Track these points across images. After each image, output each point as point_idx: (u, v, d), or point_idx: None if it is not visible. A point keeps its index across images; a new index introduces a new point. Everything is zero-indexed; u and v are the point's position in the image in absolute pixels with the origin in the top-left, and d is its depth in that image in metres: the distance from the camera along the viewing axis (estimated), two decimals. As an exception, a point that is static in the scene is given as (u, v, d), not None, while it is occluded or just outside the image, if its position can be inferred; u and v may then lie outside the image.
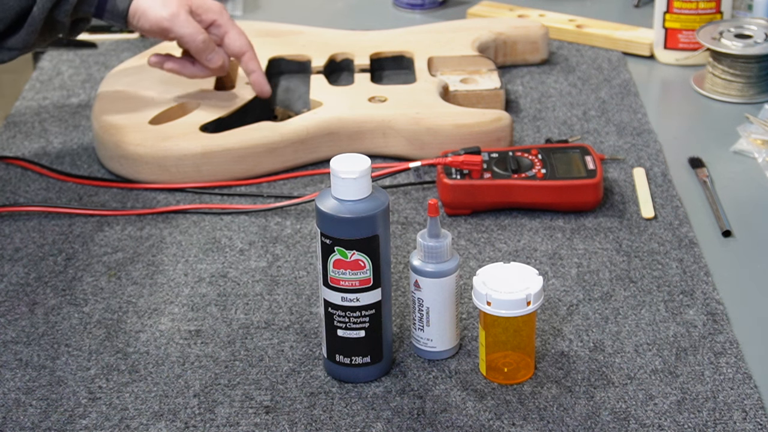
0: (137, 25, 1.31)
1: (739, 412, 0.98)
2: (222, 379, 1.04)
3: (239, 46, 1.36)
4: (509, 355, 1.03)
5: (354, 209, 0.97)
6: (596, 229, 1.23)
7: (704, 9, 1.56)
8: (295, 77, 1.50)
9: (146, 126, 1.35)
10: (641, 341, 1.07)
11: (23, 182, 1.34)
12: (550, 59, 1.60)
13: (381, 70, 1.52)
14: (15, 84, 1.57)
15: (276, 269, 1.18)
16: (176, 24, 1.31)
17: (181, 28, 1.31)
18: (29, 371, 1.05)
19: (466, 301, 1.11)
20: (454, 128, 1.34)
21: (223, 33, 1.36)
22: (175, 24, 1.31)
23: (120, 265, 1.19)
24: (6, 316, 1.13)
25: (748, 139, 1.38)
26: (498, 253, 1.20)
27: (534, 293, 1.00)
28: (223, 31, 1.36)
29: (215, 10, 1.35)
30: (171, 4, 1.31)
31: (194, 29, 1.32)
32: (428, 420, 0.99)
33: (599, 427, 0.97)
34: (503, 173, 1.25)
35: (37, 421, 1.00)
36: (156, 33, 1.32)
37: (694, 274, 1.15)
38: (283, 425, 0.99)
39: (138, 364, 1.06)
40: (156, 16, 1.30)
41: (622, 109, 1.47)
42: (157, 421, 0.99)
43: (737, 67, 1.48)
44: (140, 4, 1.30)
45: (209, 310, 1.13)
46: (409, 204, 1.29)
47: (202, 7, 1.34)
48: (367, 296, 1.00)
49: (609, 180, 1.31)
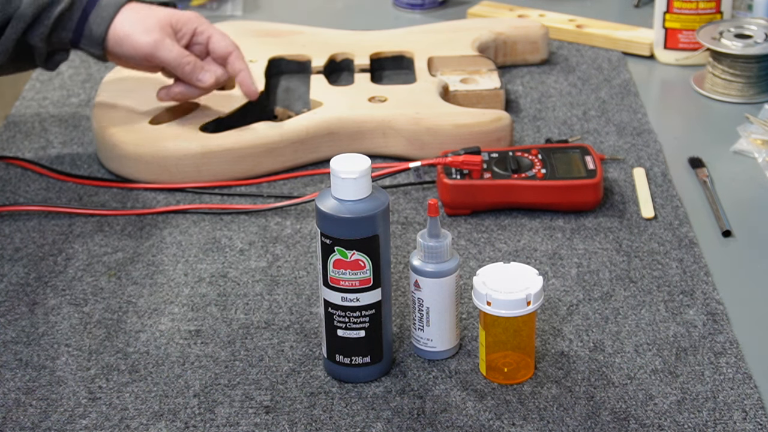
0: (117, 52, 1.28)
1: (739, 412, 0.98)
2: (222, 379, 1.04)
3: (224, 47, 1.33)
4: (509, 355, 1.03)
5: (354, 209, 0.97)
6: (596, 229, 1.23)
7: (704, 9, 1.56)
8: (295, 77, 1.50)
9: (146, 126, 1.35)
10: (641, 341, 1.07)
11: (23, 182, 1.34)
12: (550, 59, 1.60)
13: (381, 70, 1.52)
14: (15, 84, 1.57)
15: (276, 269, 1.18)
16: (161, 50, 1.28)
17: (166, 54, 1.28)
18: (29, 371, 1.05)
19: (466, 301, 1.11)
20: (454, 128, 1.34)
21: (206, 39, 1.33)
22: (160, 50, 1.28)
23: (120, 265, 1.19)
24: (6, 316, 1.13)
25: (748, 139, 1.38)
26: (498, 253, 1.20)
27: (534, 293, 1.00)
28: (206, 36, 1.33)
29: (193, 18, 1.32)
30: (153, 30, 1.27)
31: (178, 53, 1.29)
32: (428, 420, 0.99)
33: (599, 427, 0.97)
34: (503, 173, 1.25)
35: (37, 421, 1.00)
36: (137, 60, 1.29)
37: (694, 274, 1.15)
38: (283, 425, 0.99)
39: (138, 364, 1.06)
40: (139, 43, 1.27)
41: (622, 109, 1.47)
42: (157, 421, 0.99)
43: (737, 67, 1.48)
44: (119, 29, 1.27)
45: (209, 310, 1.13)
46: (409, 204, 1.29)
47: (180, 20, 1.31)
48: (367, 296, 1.00)
49: (609, 180, 1.31)
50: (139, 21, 1.28)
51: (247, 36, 1.55)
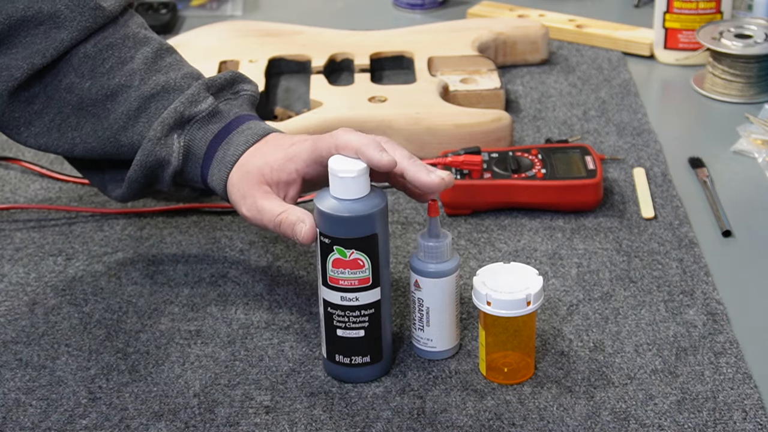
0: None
1: (739, 412, 0.98)
2: (222, 379, 1.04)
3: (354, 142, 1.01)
4: (509, 355, 1.03)
5: (352, 208, 0.97)
6: (596, 229, 1.23)
7: (704, 9, 1.56)
8: (295, 77, 1.50)
9: (146, 126, 1.35)
10: (641, 341, 1.07)
11: (23, 182, 1.34)
12: (550, 59, 1.60)
13: (381, 70, 1.52)
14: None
15: (276, 269, 1.18)
16: (253, 220, 1.06)
17: (258, 222, 1.06)
18: (29, 371, 1.05)
19: (466, 301, 1.11)
20: (454, 128, 1.34)
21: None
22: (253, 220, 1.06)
23: (120, 265, 1.19)
24: (6, 316, 1.13)
25: (748, 139, 1.38)
26: (498, 253, 1.20)
27: (534, 293, 1.00)
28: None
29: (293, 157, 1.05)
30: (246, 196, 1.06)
31: (267, 220, 1.04)
32: (428, 420, 0.99)
33: (599, 427, 0.97)
34: (503, 173, 1.25)
35: (37, 421, 1.00)
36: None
37: (694, 274, 1.15)
38: (283, 425, 0.99)
39: (138, 364, 1.06)
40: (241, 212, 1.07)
41: (622, 109, 1.47)
42: (157, 421, 0.99)
43: (737, 67, 1.48)
44: (231, 195, 1.08)
45: (209, 310, 1.13)
46: (409, 204, 1.29)
47: (274, 169, 1.06)
48: (366, 295, 0.99)
49: (609, 180, 1.31)
50: (239, 183, 1.07)
51: (247, 36, 1.55)
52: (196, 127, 1.10)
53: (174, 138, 1.09)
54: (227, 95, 1.13)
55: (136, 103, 1.10)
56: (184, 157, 1.10)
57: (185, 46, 1.54)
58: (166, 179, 1.11)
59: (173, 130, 1.09)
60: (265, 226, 1.05)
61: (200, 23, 1.66)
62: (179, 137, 1.09)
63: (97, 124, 1.11)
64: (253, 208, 1.05)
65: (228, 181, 1.07)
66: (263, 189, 1.05)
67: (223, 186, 1.08)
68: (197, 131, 1.10)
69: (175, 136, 1.09)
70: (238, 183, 1.07)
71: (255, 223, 1.06)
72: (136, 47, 1.13)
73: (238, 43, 1.54)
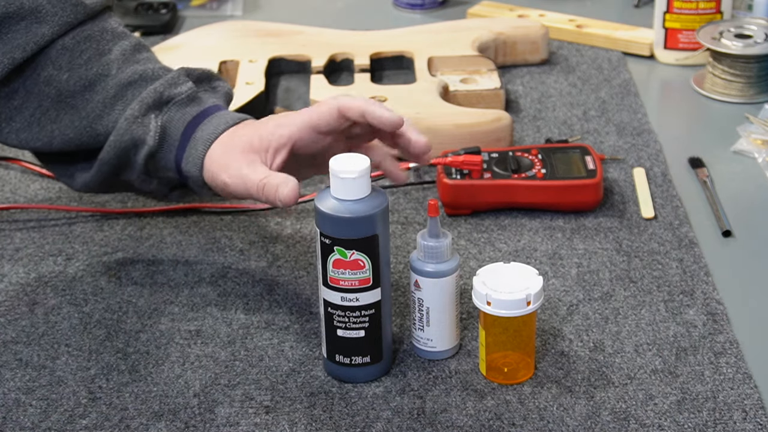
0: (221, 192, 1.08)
1: (739, 412, 0.98)
2: (222, 379, 1.04)
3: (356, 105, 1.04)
4: (509, 355, 1.03)
5: (353, 209, 0.97)
6: (596, 229, 1.23)
7: (704, 9, 1.56)
8: (295, 77, 1.50)
9: (146, 126, 1.35)
10: (641, 341, 1.07)
11: (23, 182, 1.34)
12: (550, 59, 1.60)
13: (381, 70, 1.52)
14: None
15: (276, 269, 1.18)
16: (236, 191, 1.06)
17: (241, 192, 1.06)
18: (29, 371, 1.05)
19: (466, 301, 1.11)
20: (454, 128, 1.34)
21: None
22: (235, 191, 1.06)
23: (120, 265, 1.19)
24: (6, 316, 1.13)
25: (748, 139, 1.38)
26: (498, 253, 1.20)
27: (534, 293, 1.00)
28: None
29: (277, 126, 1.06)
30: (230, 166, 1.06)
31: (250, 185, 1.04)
32: (428, 420, 0.99)
33: (599, 427, 0.97)
34: (503, 173, 1.25)
35: (37, 421, 1.00)
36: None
37: (694, 274, 1.15)
38: (283, 425, 0.99)
39: (138, 364, 1.06)
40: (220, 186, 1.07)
41: (622, 109, 1.47)
42: (157, 421, 0.99)
43: (737, 67, 1.48)
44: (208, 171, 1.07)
45: (209, 310, 1.13)
46: (409, 204, 1.29)
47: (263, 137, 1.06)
48: (366, 296, 0.99)
49: (609, 180, 1.31)
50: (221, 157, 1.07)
51: (247, 36, 1.55)
52: (174, 109, 1.09)
53: (152, 117, 1.09)
54: (205, 87, 1.14)
55: (113, 90, 1.11)
56: (161, 138, 1.09)
57: (185, 46, 1.54)
58: (138, 163, 1.09)
59: (151, 109, 1.09)
60: (248, 193, 1.04)
61: (200, 23, 1.66)
62: (157, 117, 1.09)
63: (75, 115, 1.11)
64: (235, 176, 1.04)
65: (206, 157, 1.06)
66: (249, 158, 1.04)
67: (199, 164, 1.07)
68: (175, 113, 1.09)
69: (152, 116, 1.09)
70: (219, 157, 1.06)
71: (236, 193, 1.05)
72: (114, 40, 1.13)
73: (238, 43, 1.54)
